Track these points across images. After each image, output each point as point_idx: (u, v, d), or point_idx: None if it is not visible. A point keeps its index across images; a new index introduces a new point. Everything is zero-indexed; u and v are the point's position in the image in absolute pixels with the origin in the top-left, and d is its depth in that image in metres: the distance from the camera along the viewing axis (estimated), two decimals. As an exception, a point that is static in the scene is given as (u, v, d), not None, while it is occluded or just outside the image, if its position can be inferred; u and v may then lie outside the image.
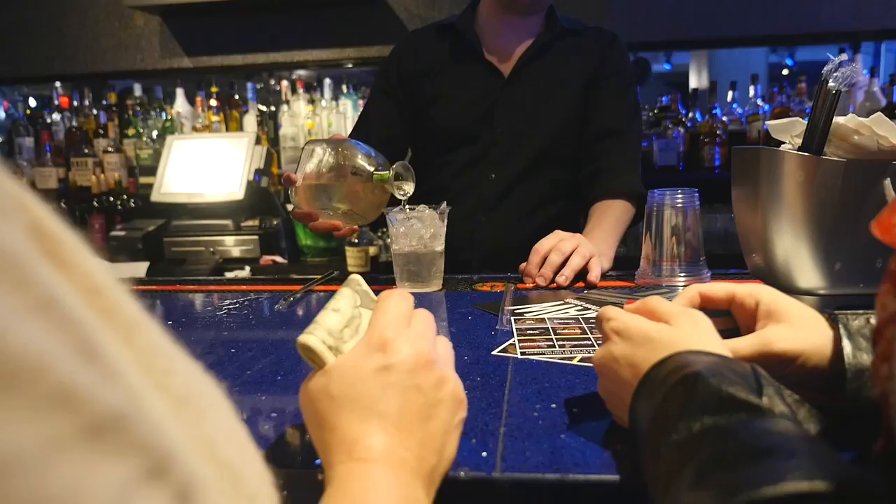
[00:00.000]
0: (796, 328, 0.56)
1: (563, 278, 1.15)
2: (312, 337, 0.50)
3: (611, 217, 1.42)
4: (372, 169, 1.15)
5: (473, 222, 1.54)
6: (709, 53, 4.31)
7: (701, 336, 0.51)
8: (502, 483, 0.50)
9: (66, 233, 0.26)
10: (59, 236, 0.25)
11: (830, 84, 0.78)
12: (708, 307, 0.61)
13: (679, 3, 2.70)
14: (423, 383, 0.49)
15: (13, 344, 0.18)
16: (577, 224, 1.60)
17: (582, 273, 1.18)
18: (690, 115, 3.00)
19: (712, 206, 2.58)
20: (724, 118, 2.90)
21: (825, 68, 0.79)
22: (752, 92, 2.94)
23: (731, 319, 0.62)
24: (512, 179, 1.53)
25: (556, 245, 1.18)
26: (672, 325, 0.53)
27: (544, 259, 1.17)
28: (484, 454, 0.54)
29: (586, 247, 1.20)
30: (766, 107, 2.91)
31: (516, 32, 1.56)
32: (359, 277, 0.58)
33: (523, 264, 1.21)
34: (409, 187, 1.15)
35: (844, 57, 0.79)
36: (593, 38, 1.58)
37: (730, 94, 3.06)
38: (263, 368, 0.76)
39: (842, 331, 0.54)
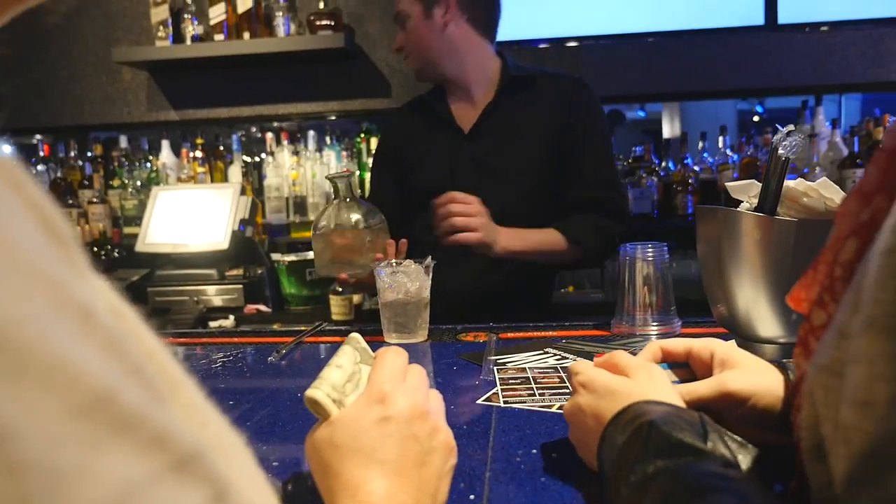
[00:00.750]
0: (748, 372, 0.63)
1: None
2: (318, 391, 0.56)
3: (541, 233, 1.55)
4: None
5: (441, 274, 1.60)
6: (680, 103, 4.48)
7: (656, 387, 0.58)
8: (489, 524, 0.55)
9: (125, 305, 0.31)
10: (122, 309, 0.31)
11: (780, 152, 0.86)
12: (668, 360, 0.68)
13: (650, 59, 2.83)
14: (418, 433, 0.54)
15: (123, 399, 0.24)
16: (544, 272, 1.67)
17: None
18: (663, 164, 3.12)
19: (686, 252, 2.67)
20: (696, 167, 3.02)
21: (775, 137, 0.87)
22: (721, 142, 3.07)
23: (689, 370, 0.69)
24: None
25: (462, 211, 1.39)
26: (631, 377, 0.60)
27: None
28: (472, 497, 0.59)
29: (484, 231, 1.40)
30: (735, 157, 3.03)
31: (477, 92, 1.68)
32: (358, 336, 0.64)
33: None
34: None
35: (792, 126, 0.87)
36: (555, 85, 1.67)
37: (700, 143, 3.18)
38: (262, 419, 0.81)
39: (790, 376, 0.61)
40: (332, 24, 2.76)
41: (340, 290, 2.64)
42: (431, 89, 1.76)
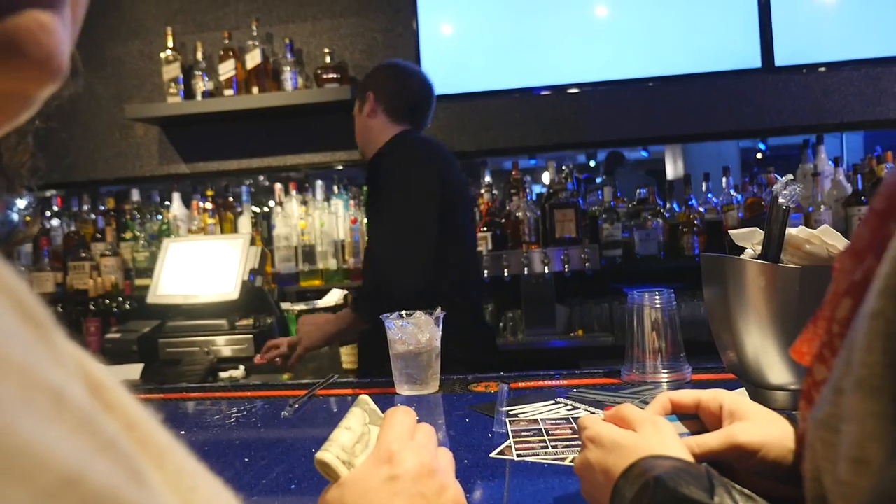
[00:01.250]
0: (757, 424, 0.64)
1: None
2: (328, 454, 0.58)
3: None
4: None
5: None
6: (683, 144, 4.52)
7: (663, 440, 0.59)
8: (506, 582, 0.56)
9: (107, 377, 0.32)
10: (102, 381, 0.32)
11: (781, 201, 0.88)
12: (678, 412, 0.68)
13: (650, 104, 2.88)
14: (426, 491, 0.56)
15: (93, 479, 0.24)
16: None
17: None
18: (668, 205, 3.14)
19: (694, 293, 2.68)
20: (701, 208, 3.04)
21: (775, 187, 0.89)
22: (724, 182, 3.09)
23: (699, 422, 0.69)
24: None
25: None
26: (638, 431, 0.61)
27: None
28: (488, 555, 0.59)
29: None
30: (740, 196, 3.05)
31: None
32: (367, 398, 0.66)
33: None
34: None
35: (790, 176, 0.89)
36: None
37: (704, 184, 3.21)
38: (278, 477, 0.82)
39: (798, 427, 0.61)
40: (338, 77, 2.83)
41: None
42: None
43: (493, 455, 0.86)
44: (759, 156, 5.09)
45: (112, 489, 0.24)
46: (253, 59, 2.89)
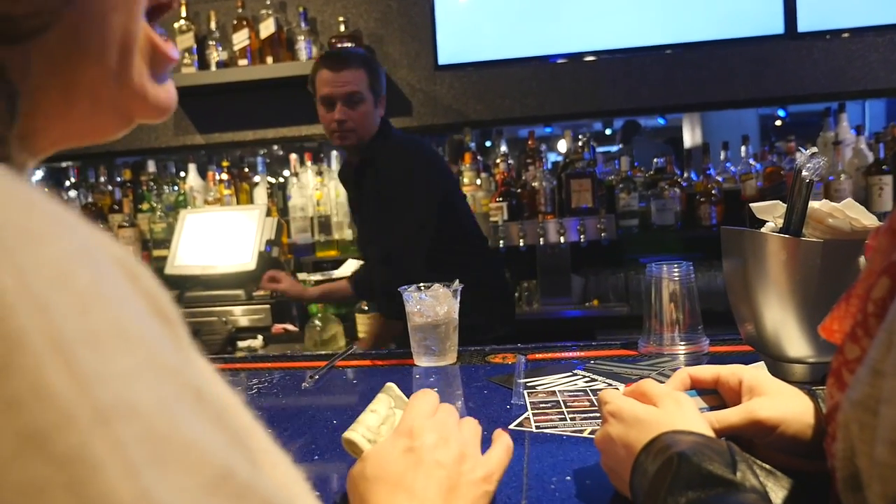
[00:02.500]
0: (777, 399, 0.64)
1: None
2: (355, 434, 0.63)
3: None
4: None
5: None
6: (702, 113, 4.46)
7: (684, 415, 0.59)
8: (527, 552, 0.57)
9: (207, 365, 0.34)
10: (207, 371, 0.33)
11: (804, 174, 0.87)
12: (697, 387, 0.69)
13: (668, 71, 2.84)
14: (443, 459, 0.57)
15: (238, 474, 0.26)
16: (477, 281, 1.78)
17: None
18: (685, 174, 3.11)
19: (711, 263, 2.66)
20: (719, 177, 3.01)
21: (798, 160, 0.88)
22: (743, 151, 3.06)
23: (718, 397, 0.70)
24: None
25: None
26: (659, 406, 0.61)
27: None
28: (509, 525, 0.60)
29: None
30: (758, 165, 3.02)
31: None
32: (393, 385, 0.70)
33: None
34: None
35: (815, 149, 0.88)
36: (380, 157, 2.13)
37: (722, 153, 3.17)
38: (301, 448, 0.83)
39: (820, 403, 0.62)
40: (353, 45, 2.81)
41: (366, 308, 2.67)
42: None
43: (512, 427, 0.87)
44: (777, 123, 5.01)
45: (249, 482, 0.27)
46: (267, 28, 2.87)
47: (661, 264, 1.18)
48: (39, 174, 4.29)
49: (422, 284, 1.23)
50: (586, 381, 1.04)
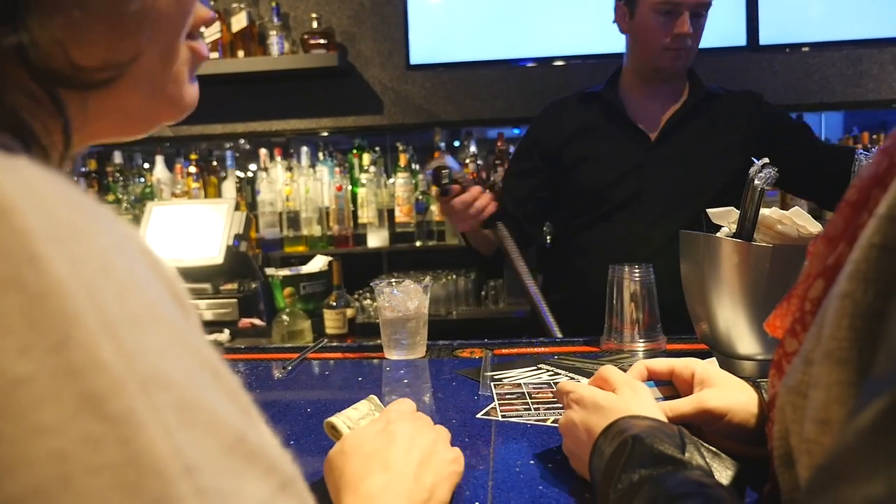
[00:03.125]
0: (725, 390, 0.70)
1: None
2: (337, 419, 0.68)
3: None
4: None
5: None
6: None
7: (640, 402, 0.65)
8: (493, 528, 0.61)
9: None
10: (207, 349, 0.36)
11: (756, 183, 0.93)
12: (654, 378, 0.75)
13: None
14: (417, 441, 0.63)
15: (250, 438, 0.30)
16: None
17: None
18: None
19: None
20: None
21: (751, 170, 0.94)
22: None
23: (672, 387, 0.75)
24: (661, 241, 1.61)
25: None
26: (618, 393, 0.66)
27: None
28: (476, 503, 0.65)
29: None
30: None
31: (660, 98, 1.69)
32: (374, 397, 0.75)
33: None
34: None
35: (766, 160, 0.94)
36: (739, 103, 1.71)
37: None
38: (276, 435, 0.86)
39: (763, 394, 0.67)
40: (325, 42, 2.83)
41: (334, 304, 2.69)
42: (606, 87, 1.75)
43: (479, 416, 0.91)
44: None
45: (259, 446, 0.30)
46: (239, 22, 2.87)
47: (624, 266, 1.23)
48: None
49: (392, 280, 1.27)
50: (550, 375, 1.09)
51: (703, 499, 0.46)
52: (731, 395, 0.69)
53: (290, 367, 1.20)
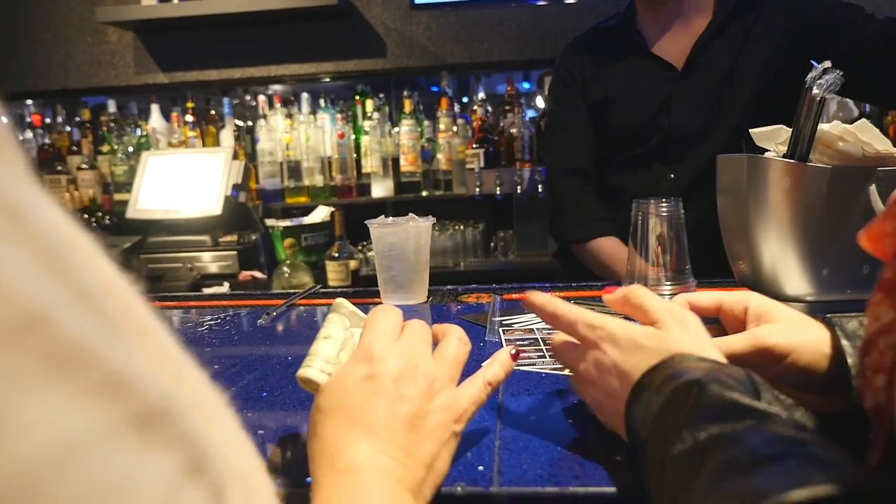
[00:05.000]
0: (788, 326, 0.56)
1: None
2: (311, 369, 0.52)
3: None
4: None
5: None
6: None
7: (692, 338, 0.51)
8: (500, 498, 0.49)
9: (81, 235, 0.25)
10: (76, 238, 0.24)
11: (815, 91, 0.78)
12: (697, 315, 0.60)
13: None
14: (408, 393, 0.49)
15: (65, 327, 0.18)
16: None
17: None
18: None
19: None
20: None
21: (809, 76, 0.79)
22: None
23: (719, 327, 0.62)
24: (694, 177, 1.46)
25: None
26: (660, 328, 0.52)
27: None
28: (480, 468, 0.52)
29: None
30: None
31: (683, 22, 1.50)
32: (343, 300, 0.59)
33: None
34: None
35: (828, 63, 0.79)
36: (771, 6, 1.47)
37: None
38: (248, 385, 0.74)
39: (838, 332, 0.54)
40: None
41: (336, 255, 2.57)
42: (622, 19, 1.57)
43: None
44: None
45: (91, 346, 0.19)
46: (233, -43, 2.70)
47: (649, 200, 1.10)
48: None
49: (390, 217, 1.14)
50: (566, 321, 0.96)
51: (804, 459, 0.33)
52: (796, 331, 0.55)
53: (274, 314, 1.08)
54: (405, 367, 0.50)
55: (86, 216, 2.89)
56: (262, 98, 3.00)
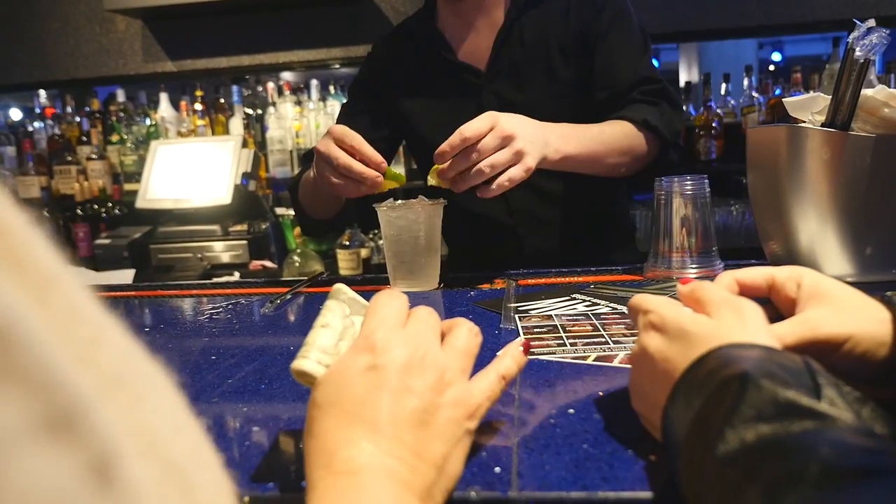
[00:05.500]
0: (843, 310, 0.50)
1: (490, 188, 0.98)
2: (306, 360, 0.47)
3: (597, 127, 1.18)
4: None
5: (503, 233, 1.40)
6: (699, 49, 4.27)
7: (745, 328, 0.45)
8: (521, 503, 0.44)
9: None
10: None
11: (857, 53, 0.72)
12: (746, 295, 0.53)
13: (671, -5, 2.65)
14: (415, 385, 0.44)
15: None
16: (617, 218, 1.51)
17: None
18: (684, 108, 2.95)
19: (711, 200, 2.53)
20: (719, 110, 2.85)
21: (851, 36, 0.73)
22: (746, 83, 2.90)
23: (771, 308, 0.55)
24: (535, 185, 1.29)
25: (485, 143, 0.98)
26: (712, 316, 0.47)
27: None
28: (497, 469, 0.47)
29: (531, 151, 0.99)
30: (762, 98, 2.86)
31: (482, 19, 1.37)
32: (342, 286, 0.54)
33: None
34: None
35: (872, 22, 0.72)
36: None
37: (723, 86, 3.01)
38: (246, 377, 0.69)
39: None
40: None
41: (347, 244, 2.53)
42: (420, 23, 1.44)
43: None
44: (771, 67, 4.85)
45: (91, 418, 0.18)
46: (239, -59, 2.65)
47: (672, 178, 1.03)
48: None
49: (399, 201, 1.08)
50: (587, 306, 0.90)
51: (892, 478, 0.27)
52: (853, 317, 0.49)
53: (278, 301, 1.03)
54: (412, 356, 0.45)
55: (95, 206, 2.87)
56: (271, 86, 2.95)
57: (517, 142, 0.99)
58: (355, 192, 1.04)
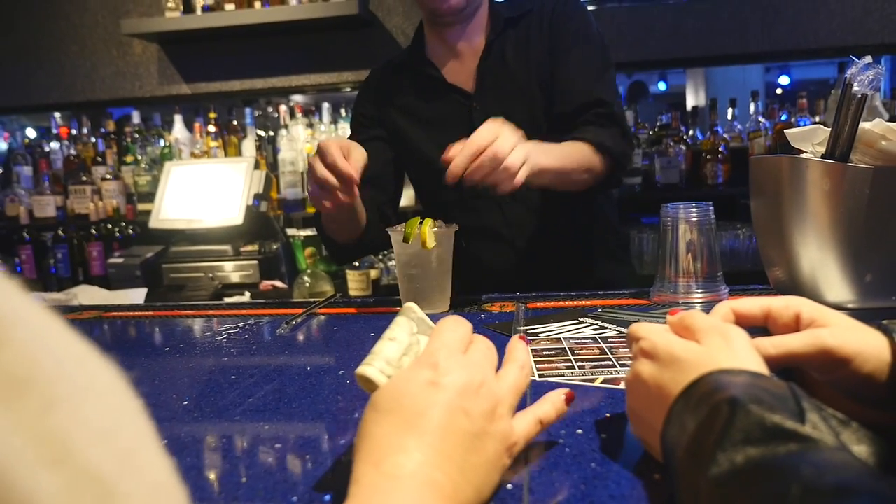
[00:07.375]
0: (848, 329, 0.52)
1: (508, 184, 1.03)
2: (371, 368, 0.50)
3: (564, 146, 1.24)
4: None
5: (497, 252, 1.45)
6: (706, 73, 4.32)
7: (733, 351, 0.47)
8: (531, 518, 0.46)
9: None
10: None
11: (855, 88, 0.75)
12: (742, 325, 0.55)
13: (677, 22, 2.69)
14: (472, 409, 0.46)
15: None
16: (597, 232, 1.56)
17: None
18: (691, 132, 2.99)
19: (717, 225, 2.55)
20: (726, 135, 2.89)
21: (849, 71, 0.76)
22: (752, 108, 2.93)
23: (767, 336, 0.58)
24: (527, 199, 1.41)
25: (494, 147, 1.01)
26: (701, 342, 0.49)
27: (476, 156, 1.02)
28: (509, 486, 0.49)
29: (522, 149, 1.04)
30: (767, 123, 2.89)
31: (465, 44, 1.45)
32: (413, 305, 0.57)
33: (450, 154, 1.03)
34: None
35: (869, 59, 0.75)
36: (539, 13, 1.43)
37: (730, 111, 3.04)
38: (266, 396, 0.72)
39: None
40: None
41: (357, 265, 2.56)
42: (411, 52, 1.52)
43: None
44: (779, 91, 4.88)
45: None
46: (254, -31, 2.71)
47: (678, 205, 1.06)
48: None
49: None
50: (595, 329, 0.93)
51: (873, 500, 0.30)
52: (859, 336, 0.51)
53: (294, 322, 1.06)
54: (470, 381, 0.47)
55: (109, 226, 2.91)
56: (283, 108, 3.00)
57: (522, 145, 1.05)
58: (332, 203, 1.09)
